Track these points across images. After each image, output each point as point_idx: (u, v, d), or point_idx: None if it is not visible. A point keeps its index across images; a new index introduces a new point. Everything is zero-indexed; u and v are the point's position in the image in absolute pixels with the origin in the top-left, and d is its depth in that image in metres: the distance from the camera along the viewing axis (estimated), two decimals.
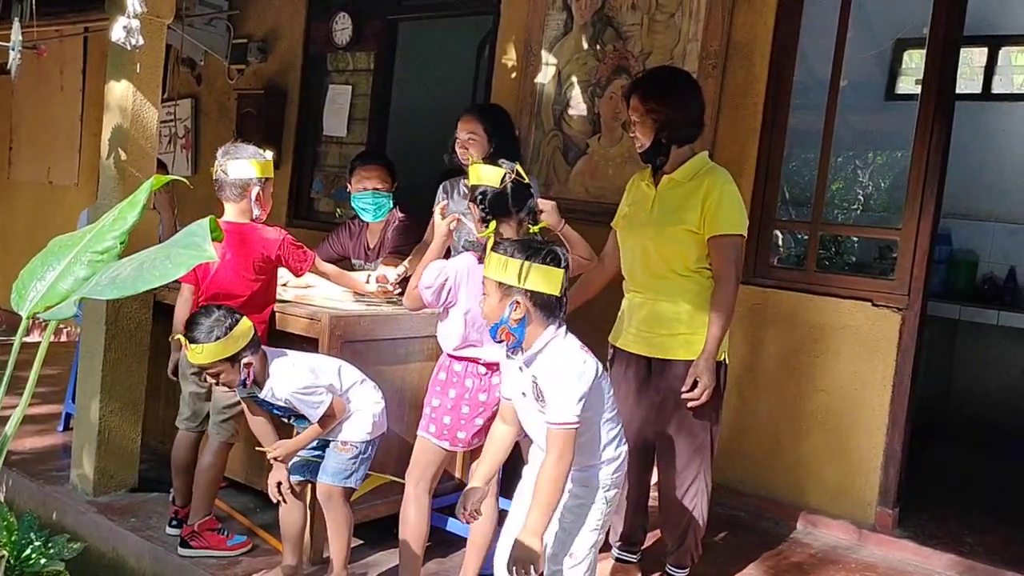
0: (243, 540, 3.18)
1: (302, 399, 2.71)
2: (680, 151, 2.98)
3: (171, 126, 6.63)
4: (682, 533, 3.05)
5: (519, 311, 2.19)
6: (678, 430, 2.97)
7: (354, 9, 5.70)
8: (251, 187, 3.07)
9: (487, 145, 3.40)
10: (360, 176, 3.78)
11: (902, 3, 4.97)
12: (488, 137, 3.41)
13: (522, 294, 2.19)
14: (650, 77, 3.25)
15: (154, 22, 3.43)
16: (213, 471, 3.13)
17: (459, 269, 2.69)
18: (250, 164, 3.07)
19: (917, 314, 3.75)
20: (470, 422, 2.75)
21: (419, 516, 2.80)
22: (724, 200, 2.88)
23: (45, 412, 4.52)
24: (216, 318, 2.67)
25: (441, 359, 2.84)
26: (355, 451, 2.81)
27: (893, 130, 5.93)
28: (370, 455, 2.86)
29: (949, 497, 4.45)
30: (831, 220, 5.51)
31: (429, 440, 2.78)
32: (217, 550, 3.09)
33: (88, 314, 3.62)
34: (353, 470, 2.81)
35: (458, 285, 2.69)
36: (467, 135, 3.44)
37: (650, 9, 4.38)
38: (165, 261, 1.28)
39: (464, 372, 2.75)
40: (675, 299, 2.92)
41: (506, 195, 2.62)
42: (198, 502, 3.12)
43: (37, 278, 1.48)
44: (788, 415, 4.04)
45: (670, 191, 2.97)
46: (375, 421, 2.83)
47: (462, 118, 3.50)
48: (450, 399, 2.75)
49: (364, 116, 5.76)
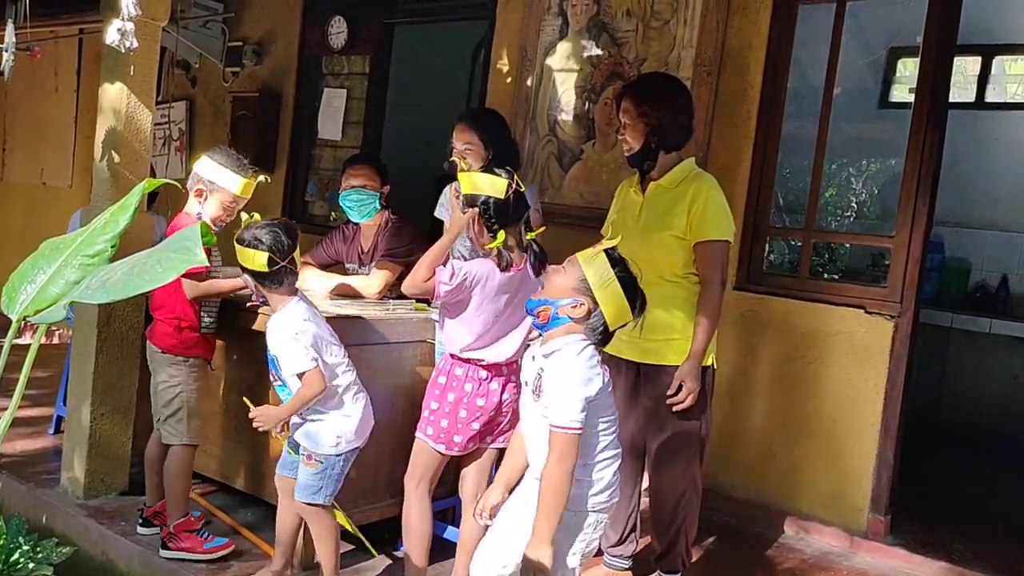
0: (224, 542, 3.13)
1: (281, 343, 2.67)
2: (668, 157, 2.99)
3: (165, 128, 6.63)
4: (673, 538, 3.05)
5: (578, 311, 2.19)
6: (669, 435, 2.97)
7: (350, 13, 5.69)
8: (201, 184, 3.05)
9: (485, 153, 3.34)
10: (348, 175, 3.77)
11: (896, 12, 4.99)
12: (485, 145, 3.34)
13: (591, 301, 2.18)
14: (645, 81, 3.27)
15: (148, 24, 3.42)
16: (173, 473, 3.11)
17: (479, 272, 2.68)
18: (218, 167, 3.05)
19: (909, 321, 3.76)
20: (467, 426, 2.75)
21: (422, 517, 2.81)
22: (710, 206, 2.89)
23: (36, 415, 4.50)
24: (265, 229, 2.69)
25: (442, 363, 2.83)
26: (320, 466, 2.74)
27: (887, 138, 5.96)
28: (339, 472, 2.76)
29: (941, 504, 4.45)
30: (824, 227, 5.53)
31: (426, 443, 2.78)
32: (194, 552, 3.07)
33: (80, 317, 3.61)
34: (319, 486, 2.74)
35: (473, 287, 2.67)
36: (464, 145, 3.33)
37: (645, 16, 4.39)
38: (155, 265, 1.28)
39: (464, 376, 2.75)
40: (665, 305, 2.93)
41: (509, 205, 2.64)
42: (170, 505, 3.12)
43: (27, 281, 1.47)
44: (781, 421, 4.04)
45: (657, 197, 2.98)
46: (342, 435, 2.74)
47: (456, 127, 3.38)
48: (448, 403, 2.75)
49: (359, 120, 5.76)
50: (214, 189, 3.06)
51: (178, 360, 3.11)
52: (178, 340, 3.10)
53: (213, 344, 3.22)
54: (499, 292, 2.68)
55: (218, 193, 3.06)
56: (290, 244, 2.71)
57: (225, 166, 3.06)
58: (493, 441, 2.85)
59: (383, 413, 2.97)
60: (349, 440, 2.76)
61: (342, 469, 2.78)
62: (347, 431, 2.76)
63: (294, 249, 2.72)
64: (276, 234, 2.68)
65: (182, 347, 3.11)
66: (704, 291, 2.91)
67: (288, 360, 2.68)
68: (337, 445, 2.74)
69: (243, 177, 3.07)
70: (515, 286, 2.71)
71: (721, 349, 4.06)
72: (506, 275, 2.68)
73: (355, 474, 3.20)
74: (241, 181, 3.07)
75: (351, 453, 2.79)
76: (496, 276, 2.67)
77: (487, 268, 2.69)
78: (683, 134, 3.02)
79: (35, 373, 1.66)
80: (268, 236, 2.68)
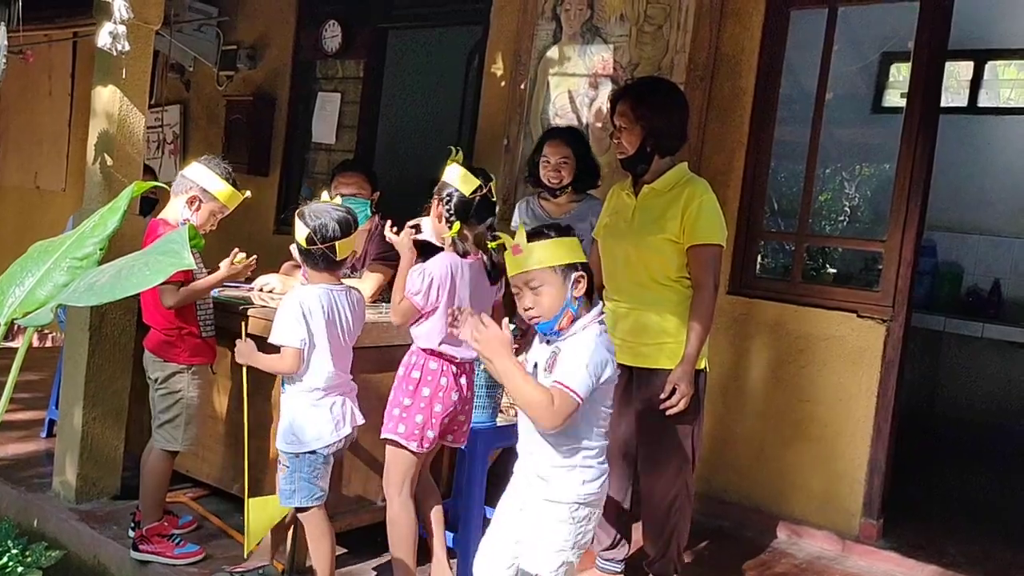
0: (195, 549, 3.12)
1: (282, 308, 2.73)
2: (661, 161, 3.00)
3: (159, 132, 6.62)
4: (665, 542, 3.05)
5: (581, 285, 2.20)
6: (661, 439, 2.98)
7: (344, 17, 5.70)
8: (193, 191, 3.05)
9: (575, 167, 3.63)
10: (338, 183, 3.81)
11: (888, 17, 5.00)
12: (577, 160, 3.63)
13: (578, 267, 2.21)
14: (643, 84, 3.29)
15: (142, 28, 3.43)
16: (151, 477, 3.11)
17: (442, 267, 2.75)
18: (208, 172, 3.06)
19: (902, 325, 3.77)
20: (440, 420, 2.79)
21: (409, 520, 2.82)
22: (704, 210, 2.90)
23: (29, 418, 4.49)
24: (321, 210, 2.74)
25: (412, 358, 2.85)
26: (287, 469, 2.75)
27: (879, 142, 5.98)
28: (308, 475, 2.73)
29: (933, 508, 4.47)
30: (818, 231, 5.54)
31: (397, 442, 2.79)
32: (163, 556, 3.08)
33: (72, 320, 3.60)
34: (293, 488, 2.74)
35: (444, 282, 2.73)
36: (560, 159, 3.64)
37: (638, 21, 4.40)
38: (143, 268, 1.28)
39: (440, 370, 2.79)
40: (658, 308, 2.94)
41: (472, 205, 2.74)
42: (145, 508, 3.13)
43: (16, 283, 1.47)
44: (773, 425, 4.05)
45: (650, 201, 2.99)
46: (297, 435, 2.72)
47: (551, 142, 3.69)
48: (423, 397, 2.78)
49: (353, 124, 5.76)
50: (208, 198, 3.07)
51: (180, 367, 3.10)
52: (179, 347, 3.09)
53: (214, 349, 3.21)
54: (467, 280, 2.77)
55: (211, 203, 3.08)
56: (336, 233, 2.72)
57: (221, 177, 3.08)
58: (455, 440, 2.92)
59: (375, 417, 2.96)
60: (304, 442, 2.73)
61: (310, 473, 2.74)
62: (305, 432, 2.73)
63: (339, 239, 2.73)
64: (325, 219, 2.72)
65: (185, 353, 3.10)
66: (697, 295, 2.92)
67: (277, 327, 2.71)
68: (291, 444, 2.73)
69: (234, 189, 3.11)
70: (477, 280, 2.81)
71: (714, 353, 4.07)
72: (469, 265, 2.78)
73: (346, 479, 3.21)
74: (232, 192, 3.10)
75: (314, 457, 2.74)
76: (461, 265, 2.77)
77: (450, 260, 2.77)
78: (677, 139, 3.03)
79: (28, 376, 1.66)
80: (318, 218, 2.72)
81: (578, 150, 3.66)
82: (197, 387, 3.13)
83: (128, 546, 3.17)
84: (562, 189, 3.69)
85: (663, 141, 2.97)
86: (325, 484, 2.79)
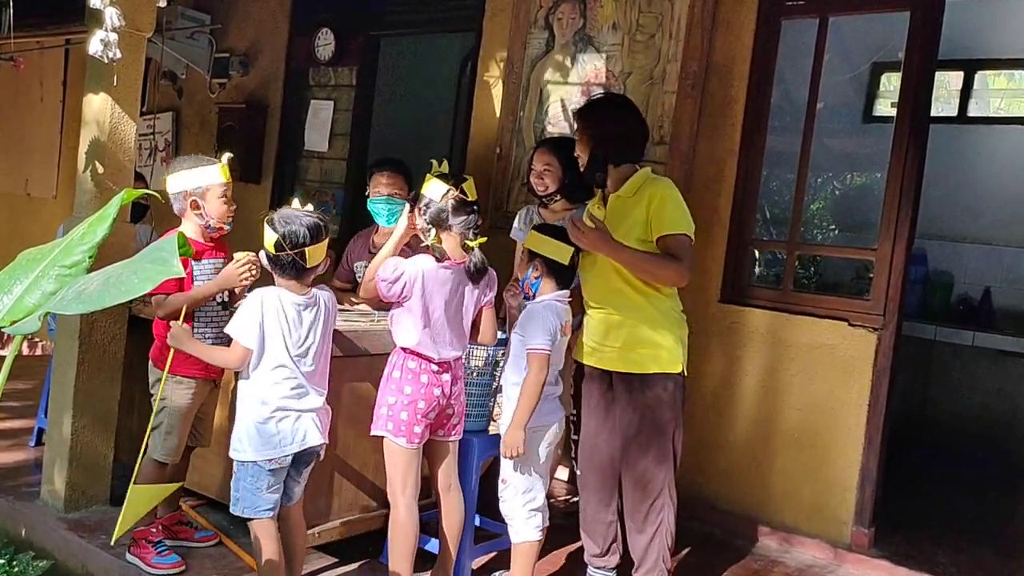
0: (174, 561, 3.08)
1: (245, 302, 2.72)
2: (621, 170, 3.07)
3: (151, 139, 6.60)
4: (649, 547, 3.05)
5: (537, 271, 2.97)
6: (644, 444, 3.00)
7: (336, 25, 5.71)
8: (188, 198, 3.04)
9: (562, 176, 3.64)
10: (377, 181, 3.81)
11: (879, 27, 5.03)
12: (563, 168, 3.63)
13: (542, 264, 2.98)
14: (587, 102, 3.47)
15: (133, 35, 3.42)
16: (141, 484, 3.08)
17: (414, 268, 2.81)
18: (175, 177, 3.06)
19: (893, 334, 3.78)
20: (425, 417, 2.82)
21: (412, 525, 2.85)
22: (667, 202, 2.97)
23: (17, 426, 4.46)
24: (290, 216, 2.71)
25: (394, 358, 2.89)
26: (235, 475, 2.70)
27: (870, 152, 6.00)
28: (250, 486, 2.67)
29: (924, 517, 4.47)
30: (809, 240, 5.56)
31: (388, 438, 2.82)
32: (143, 562, 3.07)
33: (61, 328, 3.58)
34: (237, 496, 2.69)
35: (413, 282, 2.79)
36: (543, 166, 3.68)
37: (631, 30, 4.42)
38: (131, 276, 1.27)
39: (419, 368, 2.83)
40: (637, 314, 2.97)
41: (446, 211, 2.81)
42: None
43: (4, 292, 1.46)
44: (764, 433, 4.05)
45: (619, 207, 3.07)
46: (243, 441, 2.67)
47: (538, 151, 3.76)
48: (406, 395, 2.81)
49: (346, 131, 5.76)
50: (204, 191, 3.04)
51: (168, 377, 3.06)
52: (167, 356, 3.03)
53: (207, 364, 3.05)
54: (442, 284, 2.82)
55: (210, 191, 3.05)
56: (306, 239, 2.67)
57: (196, 166, 3.06)
58: (446, 435, 2.95)
59: (364, 425, 2.95)
60: (247, 452, 2.67)
61: (252, 484, 2.67)
62: (243, 441, 2.67)
63: (309, 245, 2.67)
64: (295, 224, 2.68)
65: (174, 363, 2.98)
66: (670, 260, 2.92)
67: (236, 319, 2.69)
68: (235, 450, 2.69)
69: (217, 164, 3.07)
70: (456, 284, 2.85)
71: (706, 361, 4.09)
72: (446, 270, 2.82)
73: (339, 486, 3.20)
74: (218, 168, 3.06)
75: (256, 469, 2.67)
76: (437, 270, 2.82)
77: (425, 263, 2.82)
78: (626, 146, 3.10)
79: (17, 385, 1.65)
80: (288, 223, 2.68)
81: (563, 158, 3.62)
82: (184, 398, 3.08)
83: (116, 555, 3.16)
84: (550, 197, 3.68)
85: (609, 146, 3.06)
86: (271, 499, 2.69)
